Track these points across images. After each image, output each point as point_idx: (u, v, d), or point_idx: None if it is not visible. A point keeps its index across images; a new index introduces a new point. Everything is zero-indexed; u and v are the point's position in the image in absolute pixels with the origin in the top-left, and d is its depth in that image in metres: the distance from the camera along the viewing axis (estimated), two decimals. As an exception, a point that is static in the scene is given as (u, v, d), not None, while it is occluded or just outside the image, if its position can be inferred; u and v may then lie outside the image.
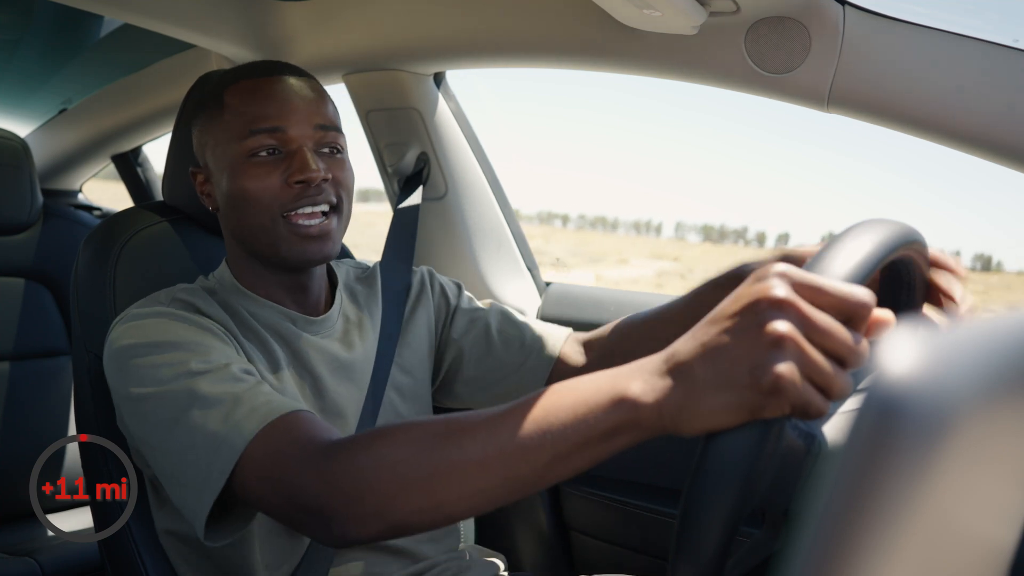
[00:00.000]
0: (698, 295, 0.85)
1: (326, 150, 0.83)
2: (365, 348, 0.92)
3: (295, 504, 0.60)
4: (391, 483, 0.55)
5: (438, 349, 1.01)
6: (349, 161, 0.86)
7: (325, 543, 0.61)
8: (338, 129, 0.85)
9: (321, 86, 0.87)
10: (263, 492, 0.63)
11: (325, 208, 0.82)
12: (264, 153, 0.80)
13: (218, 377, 0.70)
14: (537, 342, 0.96)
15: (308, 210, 0.81)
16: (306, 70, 0.89)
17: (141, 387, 0.71)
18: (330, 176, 0.81)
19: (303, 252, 0.82)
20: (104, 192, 2.64)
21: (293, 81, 0.84)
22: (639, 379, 0.49)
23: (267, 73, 0.84)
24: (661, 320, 0.88)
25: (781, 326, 0.43)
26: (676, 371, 0.47)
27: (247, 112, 0.81)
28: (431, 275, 1.04)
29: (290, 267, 0.85)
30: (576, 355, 0.95)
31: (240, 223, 0.83)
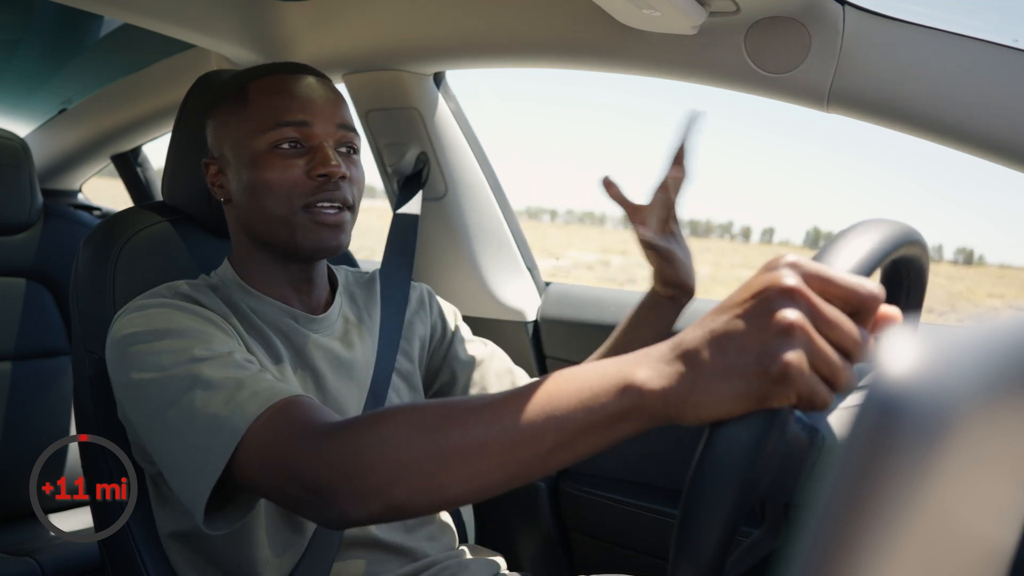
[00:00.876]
0: (622, 332, 0.94)
1: (343, 149, 0.86)
2: (364, 349, 0.93)
3: (296, 483, 0.60)
4: (393, 462, 0.55)
5: (428, 366, 1.03)
6: (361, 162, 0.89)
7: (325, 524, 0.61)
8: (356, 131, 0.88)
9: (337, 90, 0.90)
10: (264, 474, 0.63)
11: (340, 204, 0.84)
12: (287, 145, 0.83)
13: (221, 363, 0.70)
14: None
15: (326, 204, 0.83)
16: None
17: (142, 372, 0.71)
18: (347, 174, 0.84)
19: (319, 240, 0.83)
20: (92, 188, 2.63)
21: (316, 82, 0.87)
22: (645, 366, 0.48)
23: (292, 71, 0.87)
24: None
25: (791, 314, 0.43)
26: (683, 358, 0.47)
27: (274, 105, 0.83)
28: (431, 294, 1.06)
29: (303, 257, 0.86)
30: None
31: (257, 213, 0.84)
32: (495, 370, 1.03)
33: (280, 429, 0.63)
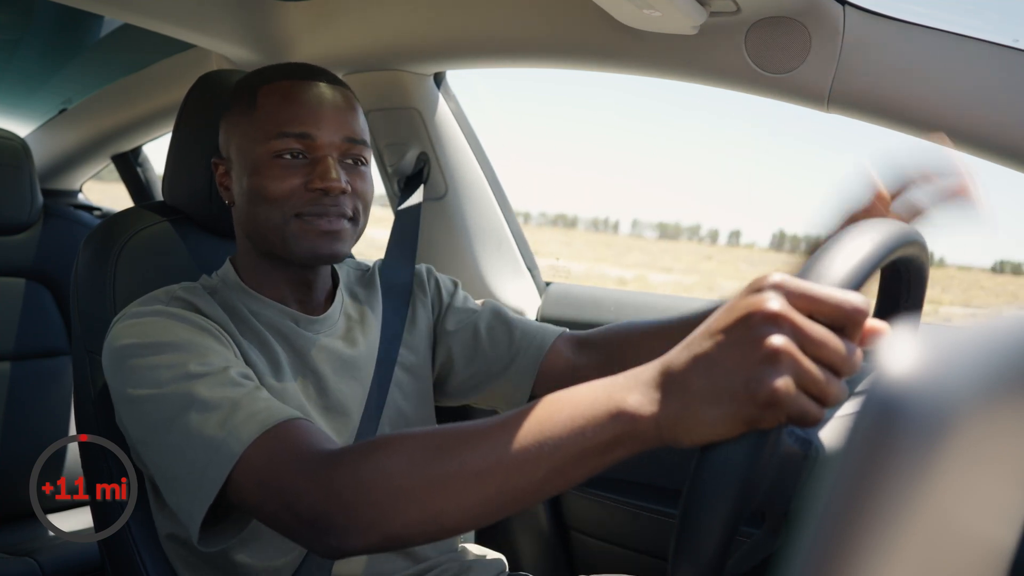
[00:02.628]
0: (703, 316, 0.86)
1: (350, 161, 0.84)
2: (368, 345, 0.93)
3: (292, 512, 0.60)
4: (389, 494, 0.55)
5: (434, 346, 1.02)
6: (370, 174, 0.87)
7: (321, 553, 0.61)
8: (365, 143, 0.86)
9: (353, 96, 0.87)
10: (259, 499, 0.63)
11: (339, 217, 0.83)
12: (289, 156, 0.81)
13: (216, 381, 0.70)
14: (525, 340, 0.97)
15: (322, 217, 0.82)
16: None
17: (138, 388, 0.71)
18: (350, 188, 0.82)
19: (313, 247, 0.82)
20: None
21: (327, 89, 0.84)
22: (636, 391, 0.49)
23: (303, 76, 0.84)
24: (664, 336, 0.88)
25: (776, 340, 0.43)
26: (672, 383, 0.47)
27: (279, 114, 0.81)
28: (429, 272, 1.04)
29: (300, 263, 0.85)
30: (568, 354, 0.95)
31: (254, 219, 0.83)
32: (486, 324, 0.99)
33: (276, 454, 0.63)
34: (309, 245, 0.82)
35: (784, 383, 0.43)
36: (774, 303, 0.44)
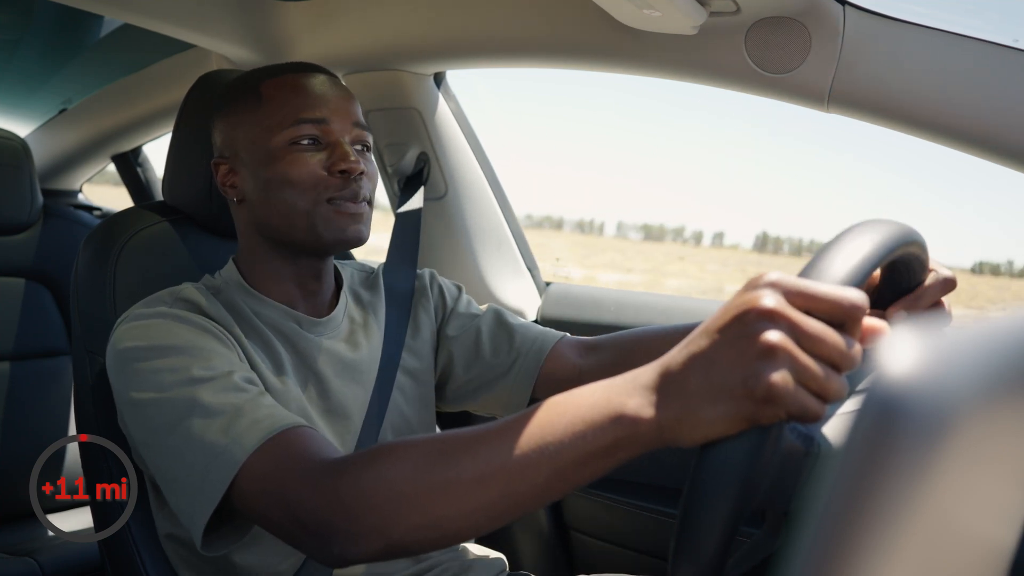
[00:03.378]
0: None
1: (359, 147, 0.86)
2: (371, 349, 0.93)
3: (295, 520, 0.60)
4: (391, 500, 0.56)
5: (437, 351, 1.02)
6: (373, 160, 0.90)
7: (324, 562, 0.61)
8: (368, 129, 0.88)
9: (349, 89, 0.90)
10: (262, 506, 0.63)
11: (363, 201, 0.85)
12: (306, 142, 0.82)
13: (220, 386, 0.69)
14: (524, 347, 0.96)
15: (349, 200, 0.83)
16: None
17: (142, 392, 0.71)
18: (364, 170, 0.84)
19: (342, 231, 0.83)
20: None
21: (329, 80, 0.87)
22: (635, 394, 0.49)
23: (305, 70, 0.87)
24: (677, 341, 0.87)
25: (772, 336, 0.43)
26: (671, 384, 0.47)
27: (291, 103, 0.83)
28: (432, 277, 1.04)
29: (323, 251, 0.85)
30: (570, 358, 0.95)
31: (275, 209, 0.83)
32: (487, 330, 0.99)
33: (279, 462, 0.63)
34: (338, 228, 0.83)
35: (781, 377, 0.43)
36: (769, 299, 0.44)
